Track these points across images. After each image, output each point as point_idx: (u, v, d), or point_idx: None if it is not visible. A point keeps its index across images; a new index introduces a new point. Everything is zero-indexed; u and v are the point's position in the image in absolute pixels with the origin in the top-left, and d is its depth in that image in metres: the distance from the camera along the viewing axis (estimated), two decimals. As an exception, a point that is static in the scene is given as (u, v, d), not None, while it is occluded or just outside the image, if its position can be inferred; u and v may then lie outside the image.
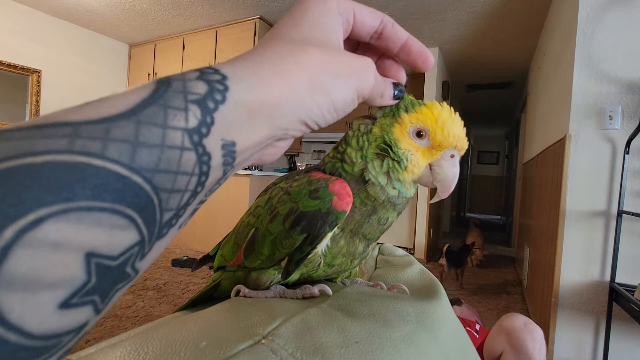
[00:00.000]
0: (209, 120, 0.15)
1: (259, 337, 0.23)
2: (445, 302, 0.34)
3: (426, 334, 0.27)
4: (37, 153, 0.11)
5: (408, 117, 0.29)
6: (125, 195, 0.13)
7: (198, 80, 0.16)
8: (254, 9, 2.98)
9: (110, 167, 0.12)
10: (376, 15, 0.25)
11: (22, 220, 0.10)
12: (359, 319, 0.27)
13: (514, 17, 2.78)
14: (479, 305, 2.50)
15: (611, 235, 1.58)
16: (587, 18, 1.66)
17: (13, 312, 0.10)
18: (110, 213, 0.12)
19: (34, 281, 0.11)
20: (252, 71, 0.17)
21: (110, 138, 0.13)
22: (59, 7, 3.19)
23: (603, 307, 1.60)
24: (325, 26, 0.22)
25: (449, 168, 0.31)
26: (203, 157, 0.15)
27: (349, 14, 0.23)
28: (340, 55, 0.21)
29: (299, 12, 0.22)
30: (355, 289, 0.34)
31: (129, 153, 0.13)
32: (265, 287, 0.35)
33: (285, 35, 0.20)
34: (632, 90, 1.57)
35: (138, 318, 1.96)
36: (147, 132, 0.13)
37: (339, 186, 0.29)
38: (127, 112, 0.13)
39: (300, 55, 0.19)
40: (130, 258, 0.13)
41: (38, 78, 3.29)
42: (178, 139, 0.14)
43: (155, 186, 0.14)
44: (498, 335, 1.02)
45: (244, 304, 0.30)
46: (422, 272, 0.42)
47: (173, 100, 0.15)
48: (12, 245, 0.10)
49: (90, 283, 0.12)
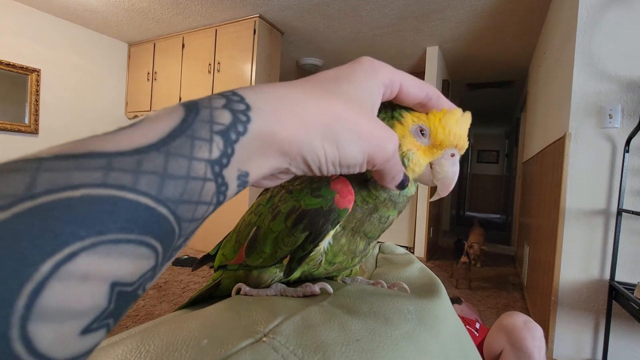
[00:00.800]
0: (230, 151, 0.16)
1: (260, 334, 0.23)
2: (445, 300, 0.35)
3: (427, 331, 0.28)
4: (73, 187, 0.12)
5: (410, 115, 0.29)
6: (152, 227, 0.13)
7: (224, 110, 0.16)
8: (254, 8, 2.97)
9: (140, 199, 0.13)
10: (423, 88, 0.26)
11: (58, 255, 0.11)
12: (360, 317, 0.27)
13: (514, 16, 2.77)
14: (478, 304, 2.50)
15: (611, 233, 1.58)
16: (587, 17, 1.66)
17: (43, 342, 0.11)
18: (136, 244, 0.13)
19: (65, 312, 0.11)
20: (273, 104, 0.18)
21: (142, 171, 0.13)
22: (58, 6, 3.18)
23: (602, 305, 1.60)
24: (364, 88, 0.22)
25: (449, 167, 0.31)
26: (221, 187, 0.16)
27: (394, 86, 0.24)
28: (365, 117, 0.21)
29: (348, 70, 0.22)
30: (356, 287, 0.34)
31: (157, 185, 0.13)
32: (267, 286, 0.36)
33: (322, 83, 0.21)
34: (632, 88, 1.57)
35: (139, 317, 1.96)
36: (175, 164, 0.14)
37: (341, 184, 0.29)
38: (157, 142, 0.14)
39: (325, 102, 0.19)
40: (144, 282, 0.14)
41: (37, 77, 3.29)
42: (202, 170, 0.15)
43: (178, 216, 0.14)
44: (498, 334, 1.03)
45: (245, 302, 0.30)
46: (423, 270, 0.42)
47: (200, 131, 0.15)
48: (48, 279, 0.11)
49: (109, 309, 0.12)
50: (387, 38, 3.39)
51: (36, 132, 3.30)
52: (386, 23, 3.07)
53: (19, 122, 3.20)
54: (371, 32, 3.27)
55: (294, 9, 2.93)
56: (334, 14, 2.96)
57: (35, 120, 3.28)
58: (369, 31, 3.25)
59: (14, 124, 3.16)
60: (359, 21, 3.06)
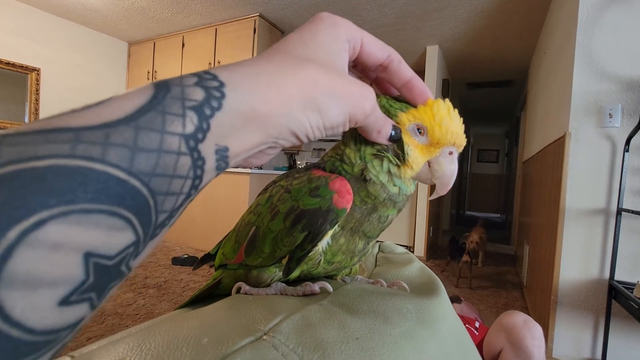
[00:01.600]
0: (205, 126, 0.16)
1: (261, 333, 0.23)
2: (445, 299, 0.35)
3: (426, 330, 0.28)
4: (40, 157, 0.12)
5: (406, 115, 0.29)
6: (124, 198, 0.13)
7: (196, 87, 0.16)
8: (254, 7, 2.97)
9: (110, 171, 0.13)
10: (384, 49, 0.26)
11: (25, 222, 0.11)
12: (360, 316, 0.27)
13: (514, 15, 2.77)
14: (478, 303, 2.50)
15: (610, 233, 1.58)
16: (587, 16, 1.66)
17: (15, 308, 0.11)
18: (108, 215, 0.13)
19: (35, 279, 0.11)
20: (250, 80, 0.18)
21: (111, 143, 0.13)
22: (58, 5, 3.18)
23: (602, 304, 1.60)
24: (331, 49, 0.22)
25: (447, 165, 0.31)
26: (198, 161, 0.16)
27: (356, 42, 0.24)
28: (339, 78, 0.21)
29: (309, 31, 0.22)
30: (356, 286, 0.35)
31: (128, 157, 0.13)
32: (266, 285, 0.36)
33: (291, 51, 0.21)
34: (632, 88, 1.57)
35: (139, 316, 1.97)
36: (146, 138, 0.14)
37: (339, 184, 0.29)
38: (126, 117, 0.14)
39: (299, 70, 0.20)
40: (126, 257, 0.14)
41: (37, 76, 3.29)
42: (175, 144, 0.15)
43: (152, 189, 0.14)
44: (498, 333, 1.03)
45: (245, 301, 0.30)
46: (422, 269, 0.42)
47: (171, 107, 0.15)
48: (15, 245, 0.11)
49: (89, 281, 0.13)
50: (387, 37, 3.39)
51: (36, 131, 3.30)
52: (386, 22, 3.07)
53: (19, 122, 3.21)
54: (371, 31, 3.26)
55: (294, 8, 2.93)
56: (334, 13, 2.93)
57: (35, 119, 3.27)
58: (369, 30, 3.22)
59: (14, 123, 3.16)
60: (359, 20, 3.05)
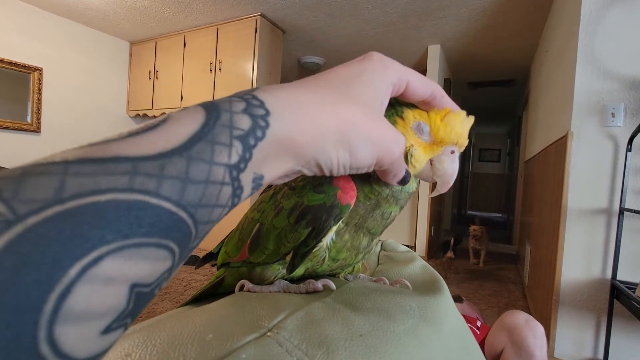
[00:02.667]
0: (248, 156, 0.16)
1: (265, 329, 0.23)
2: (447, 297, 0.35)
3: (429, 327, 0.28)
4: (101, 191, 0.12)
5: (411, 112, 0.30)
6: (172, 231, 0.13)
7: (244, 114, 0.16)
8: (255, 6, 2.97)
9: (163, 204, 0.13)
10: (428, 86, 0.26)
11: (85, 259, 0.11)
12: (363, 313, 0.27)
13: (516, 15, 2.77)
14: (480, 303, 2.50)
15: (613, 232, 1.58)
16: (589, 15, 1.66)
17: (67, 343, 0.11)
18: (157, 247, 0.13)
19: (88, 314, 0.11)
20: (293, 109, 0.18)
21: (165, 175, 0.13)
22: (59, 4, 3.19)
23: (604, 304, 1.60)
24: (376, 90, 0.22)
25: (449, 163, 0.31)
26: (237, 190, 0.16)
27: (402, 83, 0.25)
28: (377, 121, 0.22)
29: (357, 69, 0.23)
30: (359, 284, 0.35)
31: (179, 190, 0.13)
32: (270, 282, 0.36)
33: (337, 85, 0.21)
34: (635, 87, 1.56)
35: (140, 315, 1.97)
36: (196, 169, 0.14)
37: (343, 180, 0.30)
38: (180, 147, 0.14)
39: (341, 107, 0.20)
40: (161, 282, 0.14)
41: (39, 76, 3.30)
42: (220, 175, 0.15)
43: (196, 220, 0.14)
44: (499, 332, 1.03)
45: (249, 299, 0.30)
46: (425, 267, 0.42)
47: (220, 136, 0.15)
48: (75, 282, 0.11)
49: (128, 309, 0.13)
50: (389, 36, 3.38)
51: (38, 130, 3.31)
52: (388, 21, 3.07)
53: (22, 121, 3.22)
54: (373, 31, 3.27)
55: (296, 7, 2.93)
56: (335, 12, 2.95)
57: (37, 118, 3.29)
58: (371, 29, 3.24)
59: (16, 123, 3.17)
60: (361, 19, 3.05)
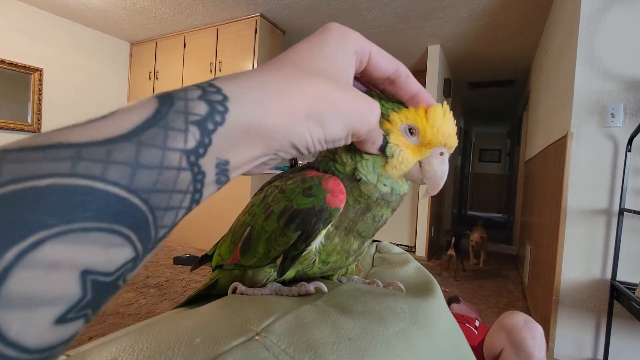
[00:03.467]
0: (207, 141, 0.16)
1: (253, 333, 0.23)
2: (440, 299, 0.35)
3: (419, 330, 0.28)
4: (40, 176, 0.12)
5: (398, 115, 0.29)
6: (123, 216, 0.13)
7: (200, 100, 0.16)
8: (255, 7, 2.97)
9: (110, 189, 0.13)
10: (392, 62, 0.26)
11: (23, 243, 0.11)
12: (353, 316, 0.27)
13: (516, 14, 2.76)
14: (479, 303, 2.50)
15: (612, 233, 1.57)
16: (589, 15, 1.65)
17: (11, 329, 0.11)
18: (107, 233, 0.13)
19: (32, 300, 0.11)
20: (255, 93, 0.18)
21: (112, 160, 0.13)
22: (60, 5, 3.19)
23: (604, 305, 1.59)
24: (339, 62, 0.22)
25: (438, 165, 0.31)
26: (198, 175, 0.16)
27: (364, 54, 0.24)
28: (346, 91, 0.21)
29: (318, 42, 0.22)
30: (351, 287, 0.35)
31: (128, 175, 0.13)
32: (262, 285, 0.36)
33: (299, 62, 0.21)
34: (635, 87, 1.56)
35: (140, 315, 1.97)
36: (148, 154, 0.14)
37: (332, 183, 0.29)
38: (128, 133, 0.14)
39: (306, 83, 0.20)
40: (125, 272, 0.14)
41: (40, 76, 3.30)
42: (176, 160, 0.15)
43: (151, 205, 0.14)
44: (498, 333, 1.03)
45: (240, 301, 0.30)
46: (419, 269, 0.42)
47: (174, 122, 0.15)
48: (12, 266, 0.11)
49: (86, 298, 0.13)
50: (389, 37, 3.38)
51: (39, 131, 3.32)
52: (387, 22, 3.07)
53: (22, 121, 3.22)
54: (372, 31, 3.27)
55: (295, 8, 2.93)
56: (335, 13, 2.95)
57: (38, 119, 3.30)
58: (370, 30, 3.24)
59: (17, 123, 3.18)
60: (360, 20, 3.05)
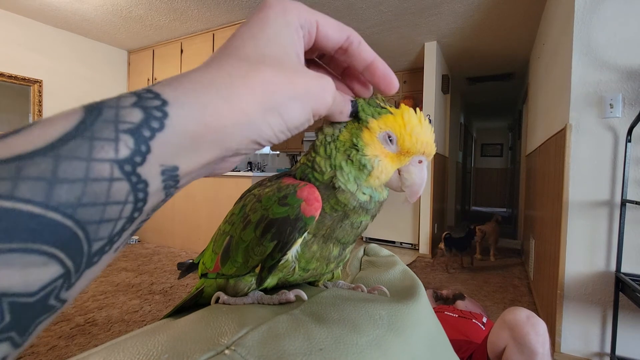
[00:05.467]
0: (144, 149, 0.15)
1: (223, 347, 0.23)
2: (423, 303, 0.34)
3: (396, 337, 0.27)
4: None
5: (377, 122, 0.29)
6: (41, 234, 0.12)
7: (133, 108, 0.15)
8: (249, 11, 2.98)
9: (20, 207, 0.12)
10: (342, 30, 0.24)
11: None
12: (328, 325, 0.27)
13: (512, 7, 2.74)
14: (485, 299, 2.48)
15: (615, 224, 1.56)
16: (584, 5, 1.64)
17: None
18: (21, 253, 0.12)
19: None
20: (198, 95, 0.17)
21: (22, 177, 0.12)
22: (56, 17, 3.22)
23: (609, 297, 1.58)
24: (284, 42, 0.21)
25: (416, 173, 0.31)
26: (138, 185, 0.15)
27: (311, 26, 0.22)
28: (297, 75, 0.20)
29: (258, 24, 0.21)
30: (332, 293, 0.34)
31: (44, 191, 0.13)
32: (244, 294, 0.36)
33: (241, 52, 0.20)
34: (632, 77, 1.54)
35: (145, 322, 1.98)
36: (68, 167, 0.13)
37: (307, 192, 0.29)
38: (45, 147, 0.13)
39: (253, 75, 0.19)
40: (54, 291, 0.13)
41: (39, 88, 3.34)
42: (105, 171, 0.14)
43: (79, 220, 0.13)
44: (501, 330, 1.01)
45: (218, 313, 0.30)
46: (405, 272, 0.42)
47: (101, 131, 0.14)
48: None
49: (4, 321, 0.12)
50: (384, 35, 3.38)
51: (40, 142, 3.35)
52: (382, 20, 3.06)
53: (23, 133, 3.26)
54: (368, 30, 3.26)
55: (290, 10, 2.93)
56: (330, 13, 2.94)
57: (39, 130, 3.33)
58: (366, 29, 3.24)
59: (18, 135, 3.21)
60: (355, 19, 3.05)
